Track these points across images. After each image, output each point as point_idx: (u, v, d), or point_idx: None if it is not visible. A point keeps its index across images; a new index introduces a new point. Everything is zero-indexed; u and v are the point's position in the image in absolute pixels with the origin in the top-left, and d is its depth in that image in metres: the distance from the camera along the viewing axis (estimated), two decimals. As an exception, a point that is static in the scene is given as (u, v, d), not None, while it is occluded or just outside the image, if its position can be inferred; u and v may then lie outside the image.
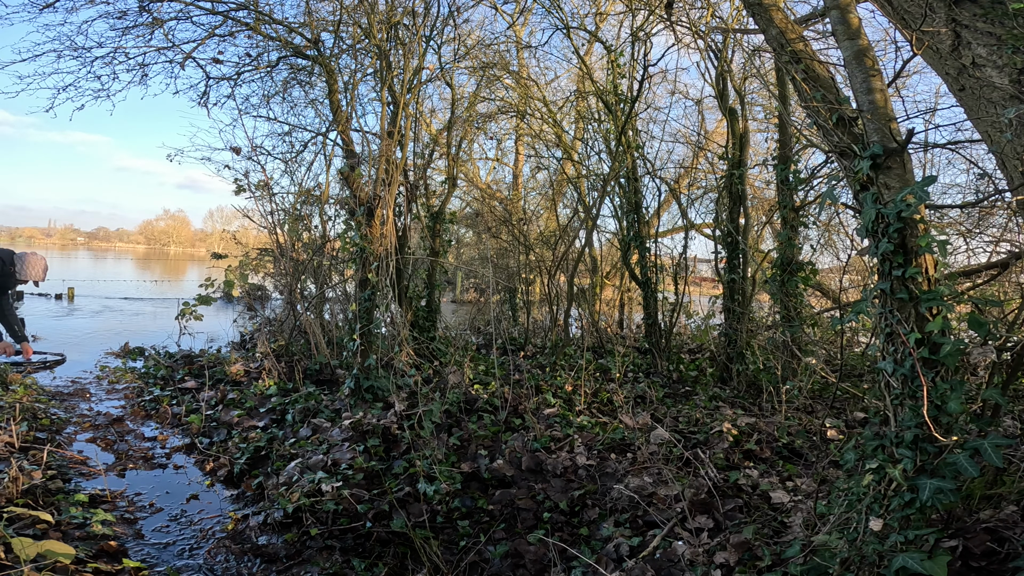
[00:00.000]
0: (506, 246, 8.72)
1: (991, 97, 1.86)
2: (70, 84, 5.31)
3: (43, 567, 2.12)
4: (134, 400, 5.03)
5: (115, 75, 5.36)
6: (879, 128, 2.17)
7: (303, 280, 6.56)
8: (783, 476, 3.18)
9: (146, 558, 2.61)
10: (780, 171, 4.84)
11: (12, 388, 4.67)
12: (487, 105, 7.60)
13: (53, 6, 4.90)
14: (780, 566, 2.23)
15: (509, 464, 3.35)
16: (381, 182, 4.66)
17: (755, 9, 2.57)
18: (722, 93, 5.39)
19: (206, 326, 7.62)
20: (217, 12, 5.13)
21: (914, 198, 2.03)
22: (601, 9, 8.38)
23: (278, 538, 2.75)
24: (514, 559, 2.58)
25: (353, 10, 5.32)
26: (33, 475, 2.98)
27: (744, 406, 4.50)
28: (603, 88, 6.37)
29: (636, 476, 3.11)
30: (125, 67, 5.36)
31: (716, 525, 2.65)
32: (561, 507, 2.95)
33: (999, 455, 1.85)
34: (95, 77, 5.34)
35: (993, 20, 1.84)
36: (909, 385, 2.02)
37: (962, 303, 2.71)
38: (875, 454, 2.08)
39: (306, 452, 3.50)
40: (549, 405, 4.24)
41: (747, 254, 5.41)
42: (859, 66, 2.24)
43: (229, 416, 4.34)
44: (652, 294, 5.85)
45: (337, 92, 5.00)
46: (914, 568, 1.81)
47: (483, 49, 6.88)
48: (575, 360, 5.52)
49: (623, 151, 5.90)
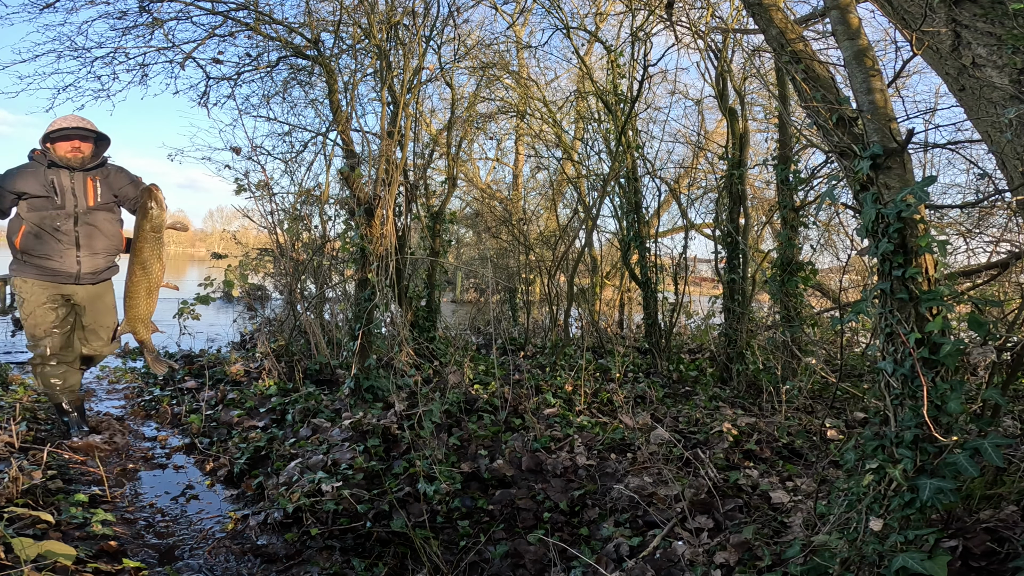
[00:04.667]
0: (506, 246, 8.72)
1: (991, 97, 1.86)
2: (70, 84, 5.31)
3: (43, 567, 2.12)
4: (134, 400, 5.03)
5: (115, 75, 5.36)
6: (879, 128, 2.17)
7: (303, 280, 6.56)
8: (783, 476, 3.19)
9: (146, 558, 2.61)
10: (780, 171, 4.84)
11: (12, 388, 4.67)
12: (487, 105, 7.60)
13: (53, 6, 4.90)
14: (780, 566, 2.23)
15: (509, 464, 3.35)
16: (381, 182, 4.66)
17: (755, 9, 2.57)
18: (722, 93, 5.39)
19: (206, 326, 7.63)
20: (217, 12, 5.12)
21: (914, 198, 2.03)
22: (601, 9, 8.38)
23: (278, 538, 2.75)
24: (514, 559, 2.58)
25: (353, 10, 5.32)
26: (33, 475, 2.98)
27: (744, 406, 4.50)
28: (603, 88, 6.37)
29: (636, 476, 3.11)
30: (125, 67, 5.36)
31: (716, 525, 2.66)
32: (561, 507, 2.95)
33: (999, 455, 1.85)
34: (95, 77, 5.33)
35: (993, 20, 1.84)
36: (909, 385, 2.02)
37: (962, 303, 2.71)
38: (875, 454, 2.08)
39: (306, 452, 3.50)
40: (549, 405, 4.24)
41: (747, 254, 5.41)
42: (859, 66, 2.24)
43: (229, 416, 4.34)
44: (652, 294, 5.85)
45: (337, 92, 5.00)
46: (914, 568, 1.81)
47: (483, 49, 6.88)
48: (575, 360, 5.52)
49: (623, 151, 5.90)
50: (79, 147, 3.83)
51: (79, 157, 3.82)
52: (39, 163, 3.80)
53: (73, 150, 3.81)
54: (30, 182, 3.71)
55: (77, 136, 3.81)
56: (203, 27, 5.39)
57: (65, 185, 3.77)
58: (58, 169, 3.78)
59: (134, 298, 3.69)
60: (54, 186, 3.75)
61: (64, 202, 3.76)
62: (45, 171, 3.77)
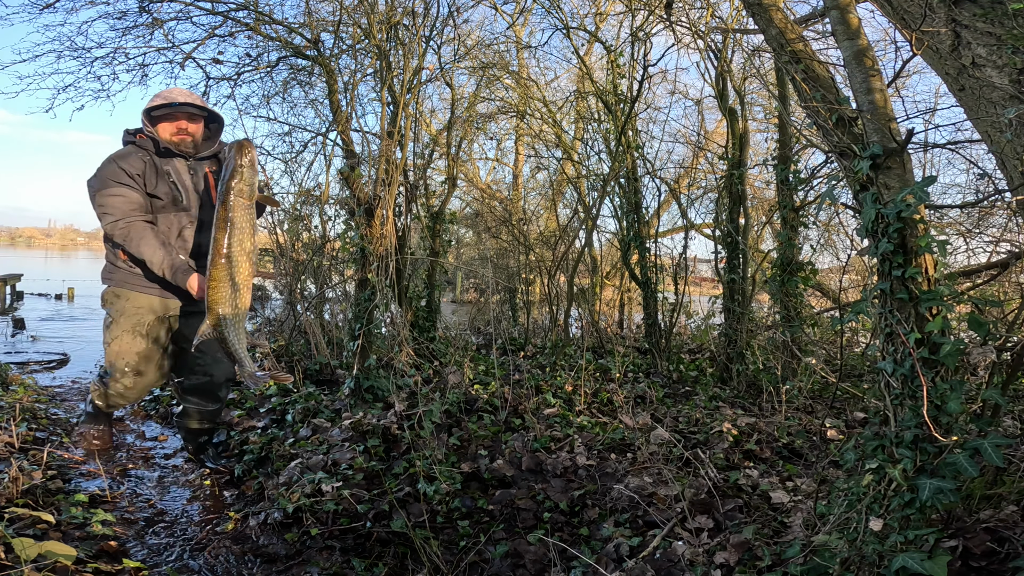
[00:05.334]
0: (506, 246, 8.72)
1: (991, 97, 1.86)
2: (70, 84, 5.32)
3: (43, 567, 2.12)
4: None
5: (115, 75, 5.37)
6: (879, 128, 2.17)
7: (303, 280, 6.56)
8: (783, 476, 3.18)
9: (146, 558, 2.61)
10: (780, 171, 4.84)
11: (12, 388, 4.67)
12: (487, 105, 7.60)
13: (53, 6, 4.90)
14: (780, 566, 2.23)
15: (509, 464, 3.35)
16: (381, 182, 4.66)
17: (755, 9, 2.57)
18: (722, 93, 5.39)
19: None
20: (217, 12, 5.13)
21: (914, 198, 2.03)
22: (601, 9, 8.38)
23: (278, 538, 2.75)
24: (514, 559, 2.58)
25: (353, 10, 5.32)
26: (33, 475, 2.98)
27: (744, 406, 4.50)
28: (603, 88, 6.37)
29: (636, 476, 3.11)
30: (125, 67, 5.37)
31: (716, 525, 2.66)
32: (561, 507, 2.95)
33: (999, 455, 1.85)
34: (95, 77, 5.34)
35: (993, 20, 1.84)
36: (909, 385, 2.02)
37: (962, 303, 2.70)
38: (875, 454, 2.08)
39: (306, 452, 3.50)
40: (549, 405, 4.24)
41: (747, 254, 5.41)
42: (859, 66, 2.24)
43: (229, 416, 4.34)
44: (652, 294, 5.85)
45: (337, 92, 5.00)
46: (914, 568, 1.81)
47: (483, 49, 6.88)
48: (575, 360, 5.52)
49: (623, 151, 5.90)
50: (186, 128, 3.00)
51: (187, 142, 3.02)
52: (144, 148, 2.96)
53: (179, 132, 2.99)
54: (149, 177, 2.91)
55: (184, 114, 3.00)
56: (203, 27, 5.40)
57: (186, 182, 2.99)
58: (171, 158, 2.99)
59: (219, 285, 2.72)
60: (175, 182, 2.94)
61: (190, 202, 3.01)
62: (154, 160, 2.95)
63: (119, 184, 2.91)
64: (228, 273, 2.69)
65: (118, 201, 2.90)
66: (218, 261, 2.69)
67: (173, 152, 2.96)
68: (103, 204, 2.91)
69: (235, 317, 2.80)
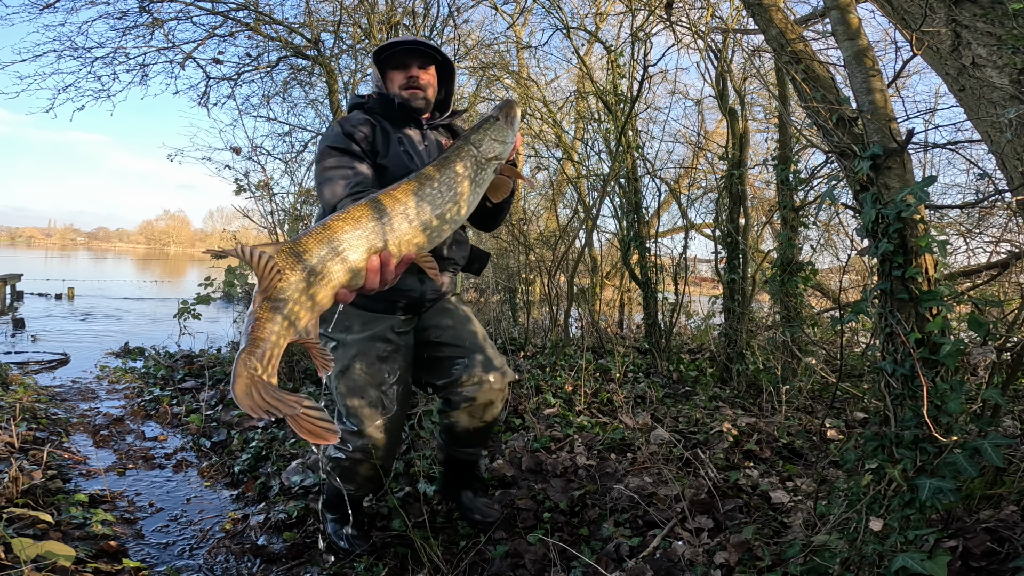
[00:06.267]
0: (506, 246, 8.72)
1: (991, 97, 1.86)
2: (70, 84, 5.33)
3: (43, 567, 2.12)
4: (134, 400, 5.03)
5: (115, 75, 5.38)
6: (879, 128, 2.17)
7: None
8: (783, 476, 3.18)
9: (146, 558, 2.61)
10: (780, 171, 4.84)
11: (12, 388, 4.67)
12: (487, 105, 7.60)
13: (53, 6, 4.91)
14: (780, 566, 2.23)
15: (509, 464, 3.35)
16: (381, 182, 4.65)
17: (755, 9, 2.57)
18: (722, 93, 5.39)
19: (206, 326, 7.63)
20: (217, 12, 5.14)
21: (914, 198, 2.03)
22: (601, 9, 8.38)
23: (278, 538, 2.75)
24: (514, 559, 2.58)
25: (353, 10, 5.33)
26: (33, 475, 2.98)
27: (744, 406, 4.50)
28: (603, 88, 6.37)
29: (636, 476, 3.11)
30: (125, 67, 5.38)
31: (716, 525, 2.65)
32: (561, 507, 2.95)
33: (999, 455, 1.85)
34: (95, 77, 5.35)
35: (993, 20, 1.84)
36: (909, 385, 2.02)
37: (962, 303, 2.71)
38: (875, 454, 2.08)
39: (306, 452, 3.50)
40: (549, 405, 4.24)
41: (747, 254, 5.41)
42: (859, 66, 2.24)
43: (229, 416, 4.34)
44: (652, 294, 5.85)
45: (337, 92, 5.00)
46: (914, 568, 1.81)
47: (483, 49, 6.89)
48: (575, 360, 5.52)
49: (623, 151, 5.90)
50: (418, 76, 2.20)
51: (419, 96, 2.22)
52: (370, 116, 2.19)
53: (409, 83, 2.19)
54: (386, 146, 2.15)
55: (416, 55, 2.21)
56: (203, 27, 5.41)
57: (421, 152, 2.22)
58: (403, 126, 2.22)
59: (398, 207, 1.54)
60: (409, 151, 2.16)
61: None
62: (384, 128, 2.17)
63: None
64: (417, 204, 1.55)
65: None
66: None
67: (407, 112, 2.24)
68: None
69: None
